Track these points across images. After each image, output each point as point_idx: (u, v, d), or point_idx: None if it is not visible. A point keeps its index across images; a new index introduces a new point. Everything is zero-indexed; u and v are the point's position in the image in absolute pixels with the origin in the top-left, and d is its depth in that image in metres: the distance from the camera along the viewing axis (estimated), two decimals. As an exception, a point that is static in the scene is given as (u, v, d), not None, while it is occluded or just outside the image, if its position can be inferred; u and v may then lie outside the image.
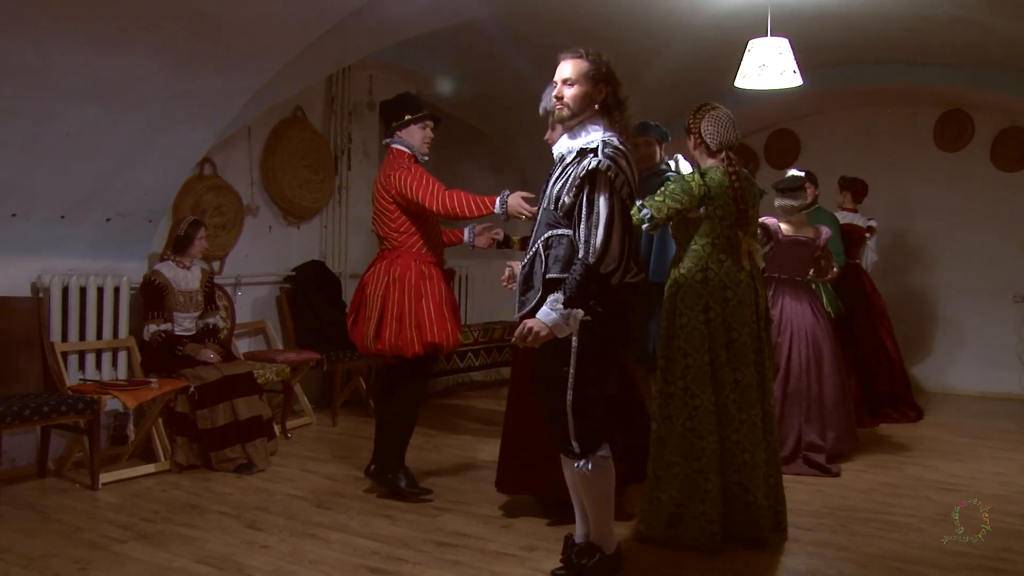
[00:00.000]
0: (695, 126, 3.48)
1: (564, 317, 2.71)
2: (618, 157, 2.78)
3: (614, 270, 2.76)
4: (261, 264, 5.87)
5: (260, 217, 5.85)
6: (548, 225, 2.88)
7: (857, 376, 5.98)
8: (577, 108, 2.86)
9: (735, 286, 3.37)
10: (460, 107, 7.21)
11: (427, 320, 3.84)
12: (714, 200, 3.34)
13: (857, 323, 6.11)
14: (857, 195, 6.42)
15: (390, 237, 3.91)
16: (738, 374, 3.36)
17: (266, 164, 5.83)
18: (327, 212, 6.35)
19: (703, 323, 3.33)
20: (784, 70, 4.83)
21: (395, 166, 3.90)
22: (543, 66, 6.10)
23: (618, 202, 2.76)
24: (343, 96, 6.31)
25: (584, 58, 2.86)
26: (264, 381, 4.97)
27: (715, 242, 3.40)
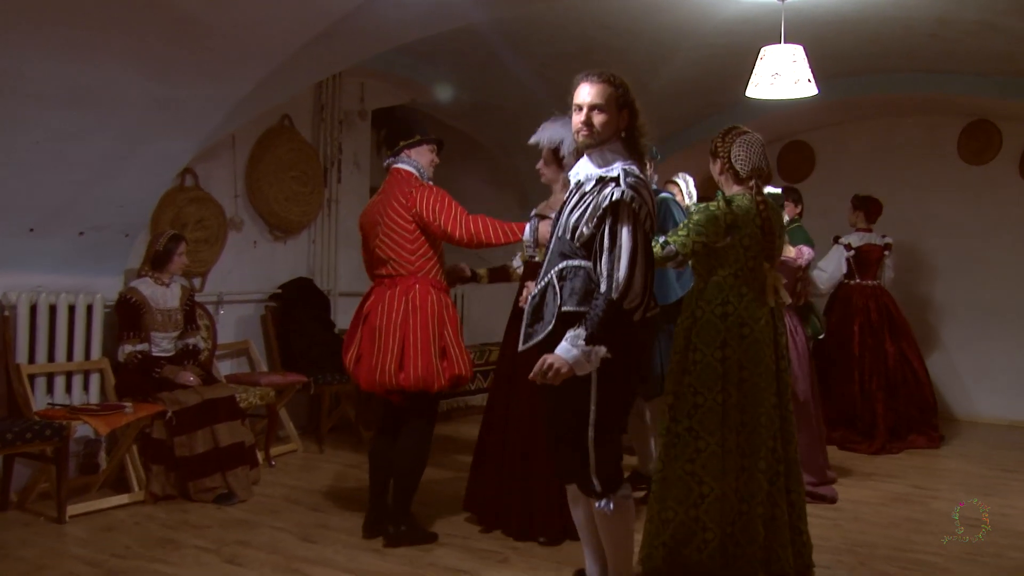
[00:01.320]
0: (723, 150, 3.44)
1: (586, 354, 2.73)
2: (640, 187, 2.82)
3: (637, 305, 2.79)
4: (245, 281, 5.87)
5: (244, 231, 5.84)
6: (563, 255, 2.90)
7: (885, 400, 6.01)
8: (603, 135, 2.90)
9: (753, 323, 3.35)
10: (457, 117, 7.23)
11: (451, 351, 3.77)
12: (740, 229, 3.32)
13: (884, 346, 6.16)
14: (871, 214, 6.45)
15: (405, 261, 3.79)
16: (745, 416, 3.32)
17: (251, 175, 5.83)
18: (315, 226, 6.35)
19: (719, 361, 3.30)
20: (798, 79, 4.83)
21: (411, 184, 3.82)
22: (544, 75, 6.24)
23: (641, 235, 2.80)
24: (333, 104, 6.34)
25: (611, 83, 2.91)
26: (247, 405, 4.95)
27: (738, 274, 3.36)
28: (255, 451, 4.83)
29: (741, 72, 5.25)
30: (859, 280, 6.36)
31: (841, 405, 6.09)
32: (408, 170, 3.90)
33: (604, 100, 2.90)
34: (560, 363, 2.74)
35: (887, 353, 6.16)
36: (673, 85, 6.36)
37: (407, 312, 3.72)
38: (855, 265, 6.32)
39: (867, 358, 6.13)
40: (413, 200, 3.77)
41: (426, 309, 3.73)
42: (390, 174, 3.96)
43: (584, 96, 2.91)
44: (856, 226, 6.44)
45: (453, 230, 3.72)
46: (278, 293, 6.00)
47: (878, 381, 6.08)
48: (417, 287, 3.76)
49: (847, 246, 6.33)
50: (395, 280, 3.80)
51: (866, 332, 6.19)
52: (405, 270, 3.79)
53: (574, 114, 2.95)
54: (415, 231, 3.78)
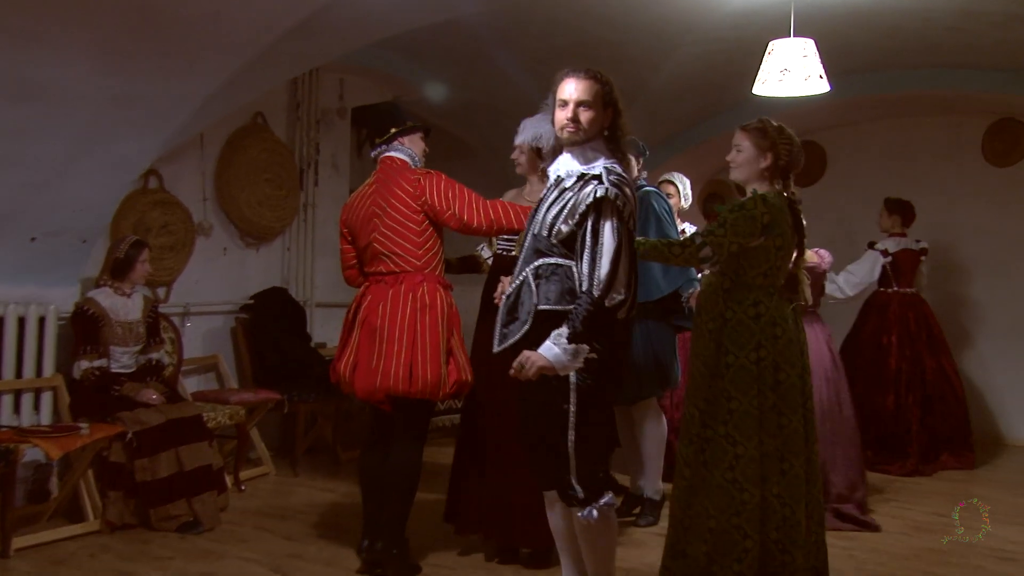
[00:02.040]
0: (784, 145, 3.50)
1: (569, 353, 2.84)
2: (623, 185, 2.93)
3: (620, 303, 2.90)
4: (214, 291, 5.86)
5: (213, 238, 5.83)
6: (538, 252, 2.98)
7: (920, 417, 6.02)
8: (589, 133, 3.01)
9: (784, 322, 3.43)
10: (443, 116, 7.24)
11: (458, 354, 3.76)
12: (773, 229, 3.38)
13: (923, 359, 6.17)
14: (907, 218, 6.46)
15: (411, 256, 3.72)
16: (783, 419, 3.39)
17: (221, 178, 5.81)
18: (291, 232, 6.35)
19: (754, 363, 3.37)
20: (809, 75, 4.83)
21: (414, 172, 3.79)
22: (536, 71, 6.22)
23: (625, 232, 2.91)
24: (310, 102, 6.33)
25: (598, 80, 3.02)
26: (215, 425, 4.94)
27: (768, 273, 3.42)
28: (223, 475, 4.81)
29: (747, 68, 5.25)
30: (897, 288, 6.37)
31: (873, 421, 6.06)
32: (403, 159, 3.87)
33: (591, 97, 3.00)
34: (539, 358, 2.84)
35: (926, 367, 6.17)
36: (674, 82, 6.37)
37: (416, 311, 3.66)
38: (892, 272, 6.33)
39: (904, 371, 6.13)
40: (422, 188, 3.73)
41: (435, 309, 3.69)
42: (381, 164, 3.92)
43: (571, 92, 3.01)
44: (891, 231, 6.44)
45: (471, 218, 3.69)
46: (250, 304, 5.98)
47: (915, 396, 6.08)
48: (425, 285, 3.71)
49: (884, 252, 6.33)
50: (399, 277, 3.73)
51: (905, 344, 6.19)
52: (411, 266, 3.73)
53: (558, 109, 3.03)
54: (423, 222, 3.73)
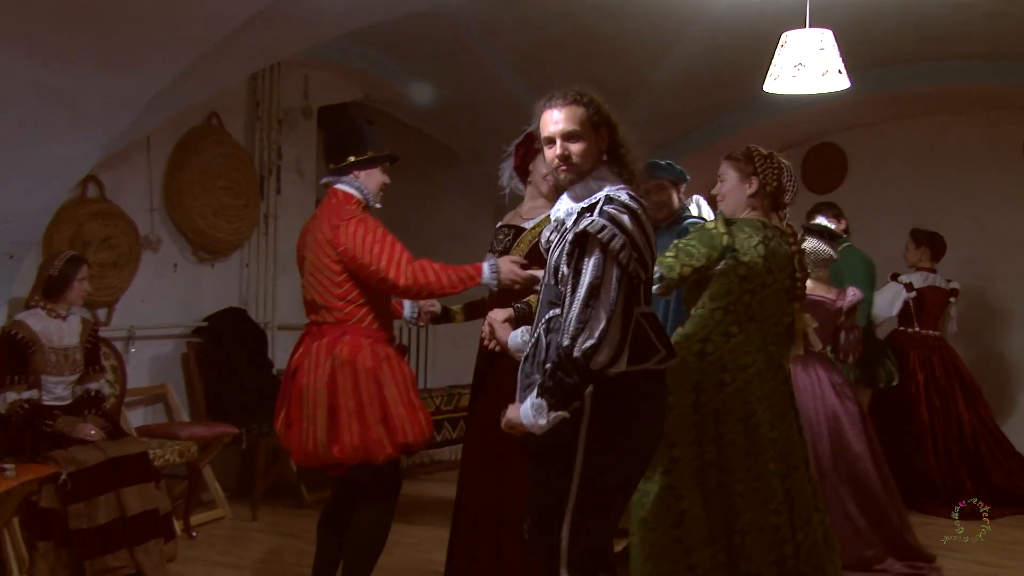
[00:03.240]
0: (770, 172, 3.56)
1: (534, 408, 2.77)
2: (620, 215, 2.81)
3: (592, 350, 2.72)
4: (163, 312, 5.83)
5: (162, 252, 5.80)
6: (550, 304, 2.93)
7: (967, 469, 6.02)
8: (587, 164, 2.93)
9: (738, 370, 3.37)
10: (421, 118, 7.25)
11: (395, 414, 3.70)
12: (738, 254, 3.38)
13: (958, 410, 6.16)
14: (936, 252, 6.47)
15: (333, 307, 3.73)
16: (724, 477, 3.34)
17: (171, 185, 5.79)
18: (249, 246, 6.34)
19: (691, 406, 3.35)
20: (826, 70, 4.80)
21: (346, 214, 3.72)
22: (524, 67, 6.25)
23: (612, 271, 2.77)
24: (271, 101, 6.32)
25: (580, 103, 2.93)
26: (163, 464, 4.90)
27: (729, 308, 3.41)
28: (172, 520, 4.76)
29: (758, 63, 5.22)
30: (918, 328, 6.36)
31: (917, 473, 6.04)
32: (348, 192, 3.79)
33: (578, 124, 2.91)
34: (511, 411, 2.84)
35: (962, 420, 6.16)
36: (676, 79, 6.39)
37: (334, 370, 3.66)
38: (915, 310, 6.31)
39: (938, 423, 6.13)
40: (339, 238, 3.66)
41: (355, 365, 3.66)
42: (327, 196, 3.86)
43: (555, 126, 2.92)
44: (919, 265, 6.44)
45: (396, 276, 3.61)
46: (203, 327, 5.97)
47: (958, 451, 6.07)
48: (347, 339, 3.69)
49: (908, 286, 6.32)
50: (322, 329, 3.75)
51: (932, 391, 6.18)
52: (333, 317, 3.73)
53: (545, 148, 2.97)
54: (342, 273, 3.70)
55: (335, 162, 3.83)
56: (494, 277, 3.67)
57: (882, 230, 6.71)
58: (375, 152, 3.82)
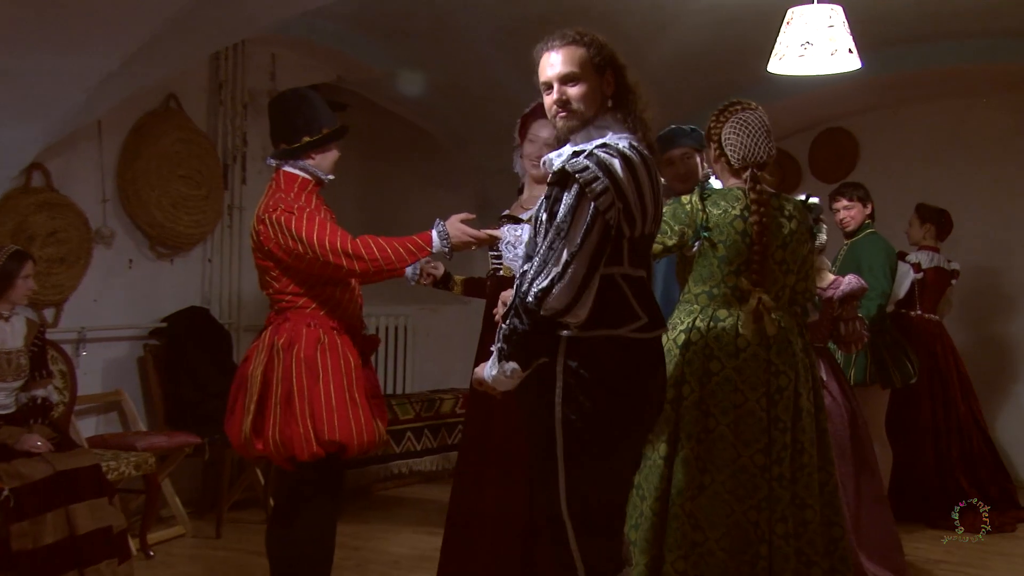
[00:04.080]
0: (716, 132, 3.56)
1: (493, 364, 2.79)
2: (611, 159, 2.76)
3: (543, 293, 2.70)
4: (117, 313, 5.80)
5: (116, 247, 5.76)
6: (527, 258, 2.91)
7: (966, 474, 6.03)
8: (589, 110, 2.89)
9: (726, 357, 3.36)
10: (397, 100, 7.21)
11: (324, 408, 3.69)
12: (712, 233, 3.37)
13: (957, 403, 6.17)
14: (942, 231, 6.48)
15: (276, 298, 3.80)
16: (707, 477, 3.35)
17: (125, 174, 5.75)
18: (212, 241, 6.30)
19: (671, 401, 3.33)
20: (836, 49, 4.80)
21: (272, 206, 3.72)
22: (507, 45, 6.21)
23: (585, 213, 2.72)
24: (235, 82, 6.30)
25: (580, 43, 2.89)
26: (117, 477, 4.87)
27: (714, 292, 3.42)
28: (127, 539, 4.72)
29: (761, 41, 5.20)
30: (920, 312, 6.36)
31: (915, 477, 6.04)
32: (294, 174, 3.79)
33: (578, 66, 2.87)
34: (479, 369, 2.86)
35: (959, 414, 6.18)
36: (675, 59, 6.37)
37: (270, 357, 3.71)
38: (918, 292, 6.32)
39: (941, 418, 6.14)
40: (264, 231, 3.69)
41: (292, 354, 3.68)
42: (275, 179, 3.83)
43: (551, 69, 2.89)
44: (922, 243, 6.45)
45: (337, 259, 3.61)
46: (162, 328, 5.94)
47: (958, 450, 6.09)
48: (287, 325, 3.73)
49: (916, 266, 6.31)
50: (268, 318, 3.86)
51: (935, 383, 6.19)
52: (278, 307, 3.81)
53: (544, 95, 2.94)
54: (275, 268, 3.75)
55: (287, 141, 3.80)
56: (445, 243, 3.66)
57: (896, 222, 6.68)
58: (328, 128, 3.81)
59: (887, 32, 6.21)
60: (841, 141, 8.03)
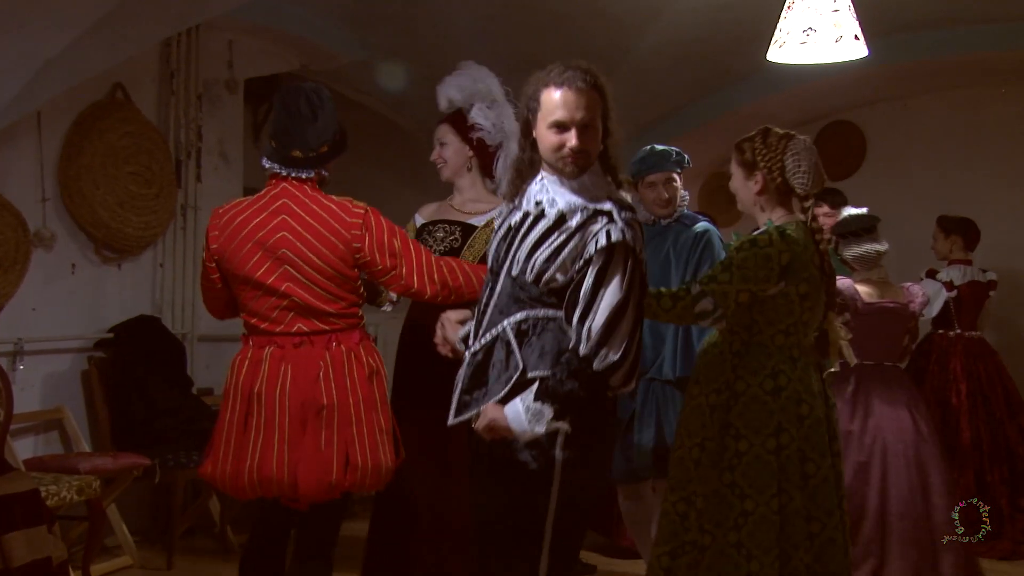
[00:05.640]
0: (769, 160, 3.58)
1: (531, 414, 2.91)
2: (636, 225, 3.02)
3: (613, 367, 2.92)
4: (58, 322, 5.78)
5: (57, 250, 5.74)
6: (520, 302, 3.05)
7: (1010, 496, 6.15)
8: (593, 160, 3.09)
9: (811, 398, 3.47)
10: (367, 91, 7.28)
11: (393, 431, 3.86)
12: (797, 273, 3.44)
13: (1003, 423, 6.30)
14: (970, 240, 6.58)
15: (346, 312, 3.76)
16: (814, 526, 3.43)
17: (67, 170, 5.74)
18: (164, 243, 6.31)
19: (773, 452, 3.41)
20: (841, 36, 4.80)
21: (349, 211, 3.70)
22: (489, 32, 6.21)
23: (638, 284, 2.98)
24: (188, 71, 6.30)
25: (597, 89, 3.05)
26: (58, 503, 4.82)
27: (789, 331, 3.48)
28: (68, 570, 4.67)
29: (761, 28, 5.21)
30: (960, 331, 6.48)
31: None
32: (314, 182, 3.78)
33: (596, 115, 3.04)
34: (500, 418, 2.94)
35: (1007, 434, 6.28)
36: (666, 47, 6.42)
37: (365, 381, 3.74)
38: (954, 310, 6.45)
39: (985, 440, 6.25)
40: (361, 236, 3.68)
41: (381, 376, 3.81)
42: (283, 183, 3.75)
43: (573, 112, 3.00)
44: (950, 257, 6.56)
45: (420, 285, 3.72)
46: (108, 339, 5.92)
47: (1001, 473, 6.20)
48: (363, 344, 3.78)
49: (948, 284, 6.44)
50: (332, 337, 3.74)
51: (977, 404, 6.31)
52: (346, 323, 3.76)
53: (550, 132, 3.04)
54: (357, 275, 3.75)
55: (302, 149, 3.71)
56: None
57: (906, 221, 6.72)
58: (339, 134, 3.82)
59: (897, 17, 6.24)
60: (847, 135, 8.08)
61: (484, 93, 4.16)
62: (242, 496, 3.81)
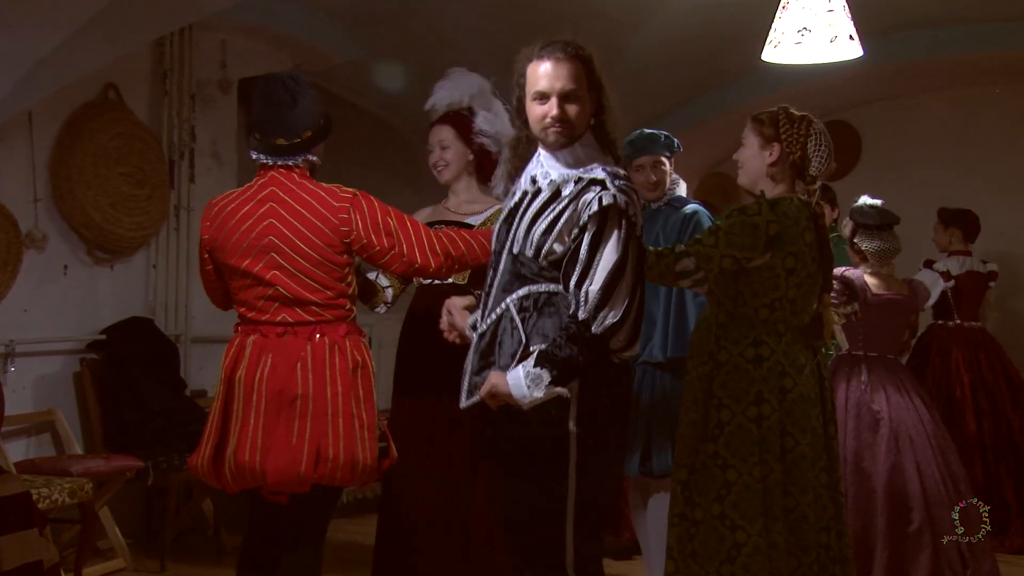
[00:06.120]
0: (793, 137, 3.65)
1: (531, 378, 2.92)
2: (631, 192, 3.03)
3: (613, 328, 2.95)
4: (50, 324, 5.78)
5: (49, 251, 5.75)
6: (522, 279, 3.08)
7: (1016, 489, 6.19)
8: (580, 129, 3.10)
9: (796, 374, 3.48)
10: (360, 91, 7.27)
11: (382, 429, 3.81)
12: (784, 246, 3.45)
13: (1007, 414, 6.34)
14: (970, 232, 6.64)
15: (332, 302, 3.71)
16: (789, 501, 3.44)
17: (59, 171, 5.74)
18: (157, 244, 6.30)
19: (754, 421, 3.43)
20: (836, 35, 4.81)
21: (336, 196, 3.68)
22: (484, 32, 6.20)
23: (634, 247, 3.00)
24: (181, 71, 6.30)
25: (581, 59, 3.07)
26: (49, 506, 4.80)
27: (775, 305, 3.50)
28: (59, 573, 4.58)
29: (755, 27, 5.22)
30: (959, 321, 6.53)
31: None
32: (306, 170, 3.76)
33: (578, 84, 3.05)
34: (497, 378, 2.96)
35: (1011, 426, 6.31)
36: (660, 46, 6.43)
37: (346, 373, 3.67)
38: (953, 300, 6.50)
39: (988, 431, 6.28)
40: (350, 219, 3.64)
41: (367, 369, 3.73)
42: (271, 172, 3.73)
43: (553, 81, 3.04)
44: (950, 249, 6.62)
45: (424, 259, 3.68)
46: (101, 340, 5.90)
47: (1007, 465, 6.23)
48: (350, 338, 3.72)
49: (944, 274, 6.49)
50: (316, 328, 3.70)
51: (980, 395, 6.35)
52: (332, 314, 3.72)
53: (534, 103, 3.08)
54: (347, 263, 3.71)
55: (285, 136, 3.71)
56: None
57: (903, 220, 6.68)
58: (324, 120, 3.82)
59: (892, 17, 6.24)
60: (842, 135, 8.03)
61: (484, 100, 4.20)
62: (224, 487, 3.79)
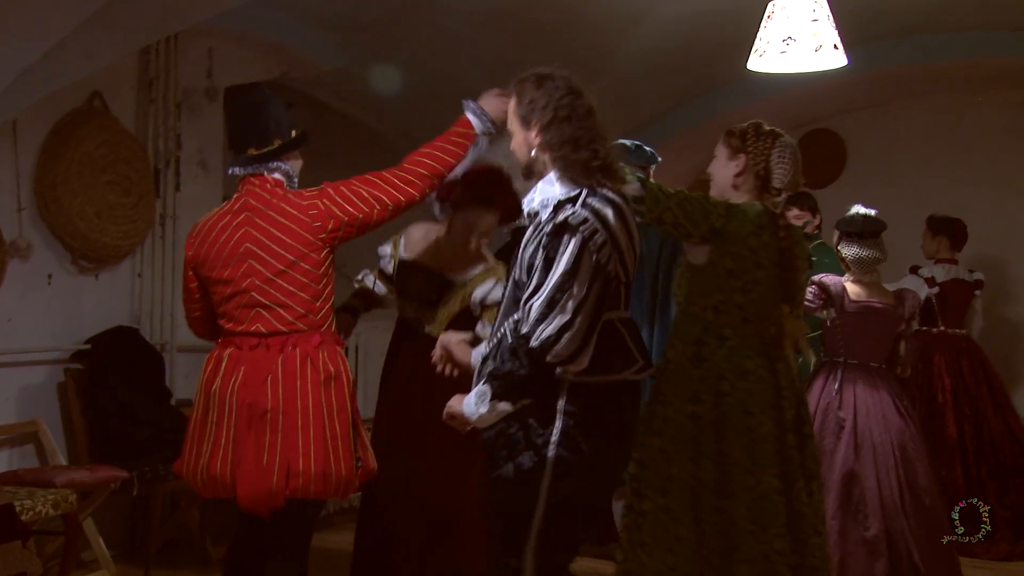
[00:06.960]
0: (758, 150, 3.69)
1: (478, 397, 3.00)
2: (604, 208, 3.01)
3: (548, 343, 2.94)
4: (34, 334, 5.76)
5: (33, 260, 5.72)
6: (518, 302, 3.10)
7: (998, 494, 6.21)
8: (526, 160, 3.24)
9: (736, 379, 3.50)
10: (348, 100, 7.28)
11: (364, 435, 3.90)
12: (726, 244, 3.48)
13: (988, 419, 6.39)
14: (957, 240, 6.72)
15: (306, 309, 3.76)
16: (722, 502, 3.46)
17: (43, 179, 5.71)
18: (142, 253, 6.29)
19: (690, 418, 3.49)
20: (821, 44, 4.84)
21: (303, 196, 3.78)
22: (474, 41, 6.21)
23: (587, 264, 2.97)
24: (167, 79, 6.29)
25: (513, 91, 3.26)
26: (33, 518, 4.77)
27: (719, 308, 3.55)
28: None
29: (740, 36, 5.25)
30: (944, 328, 6.60)
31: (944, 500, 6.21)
32: (278, 179, 3.85)
33: (510, 116, 3.25)
34: (454, 401, 3.06)
35: (992, 431, 6.37)
36: (645, 55, 6.44)
37: (318, 386, 3.71)
38: (938, 307, 6.56)
39: (969, 436, 6.34)
40: (323, 212, 3.73)
41: (341, 380, 3.79)
42: (248, 184, 3.84)
43: None
44: (937, 256, 6.68)
45: (406, 195, 3.83)
46: (85, 350, 5.89)
47: (988, 469, 6.28)
48: (324, 349, 3.76)
49: (929, 280, 6.55)
50: (288, 339, 3.76)
51: (962, 401, 6.42)
52: (305, 323, 3.77)
53: None
54: (324, 262, 3.76)
55: (257, 146, 3.83)
56: (487, 122, 3.90)
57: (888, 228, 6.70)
58: (297, 131, 3.90)
59: (876, 25, 6.27)
60: (827, 143, 8.10)
61: None
62: (202, 493, 3.90)
